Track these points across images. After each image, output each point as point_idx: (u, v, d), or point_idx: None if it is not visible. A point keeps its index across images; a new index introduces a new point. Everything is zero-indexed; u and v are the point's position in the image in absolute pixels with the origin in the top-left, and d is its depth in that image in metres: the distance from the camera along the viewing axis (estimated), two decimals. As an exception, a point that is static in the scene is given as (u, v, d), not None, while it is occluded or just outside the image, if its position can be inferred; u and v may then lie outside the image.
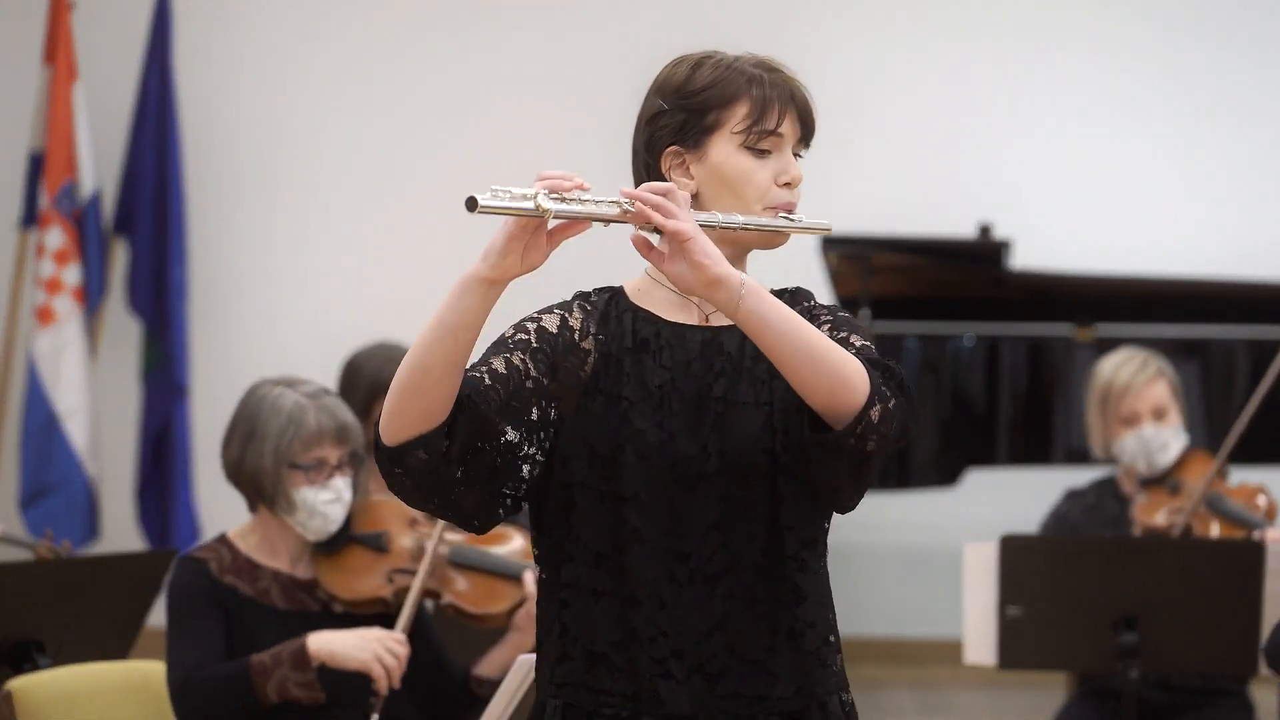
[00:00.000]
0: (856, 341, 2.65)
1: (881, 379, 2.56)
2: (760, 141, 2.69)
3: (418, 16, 8.26)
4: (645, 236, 2.55)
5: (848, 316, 2.72)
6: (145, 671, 4.10)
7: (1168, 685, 5.26)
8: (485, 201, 2.46)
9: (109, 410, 7.82)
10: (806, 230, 2.71)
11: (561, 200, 2.50)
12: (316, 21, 8.26)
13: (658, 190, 2.54)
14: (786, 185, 2.70)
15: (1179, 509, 5.18)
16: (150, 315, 7.73)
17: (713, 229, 2.61)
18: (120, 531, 7.69)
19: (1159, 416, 5.41)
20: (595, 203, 2.53)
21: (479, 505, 2.63)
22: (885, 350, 2.72)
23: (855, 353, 2.61)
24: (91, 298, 7.58)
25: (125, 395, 7.89)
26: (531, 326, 2.70)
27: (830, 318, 2.71)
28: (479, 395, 2.59)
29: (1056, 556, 4.82)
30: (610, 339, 2.71)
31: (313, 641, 3.86)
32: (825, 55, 7.91)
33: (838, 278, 7.02)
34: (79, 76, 7.63)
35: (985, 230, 7.31)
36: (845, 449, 2.53)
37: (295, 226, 8.25)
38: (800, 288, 2.78)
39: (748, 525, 2.65)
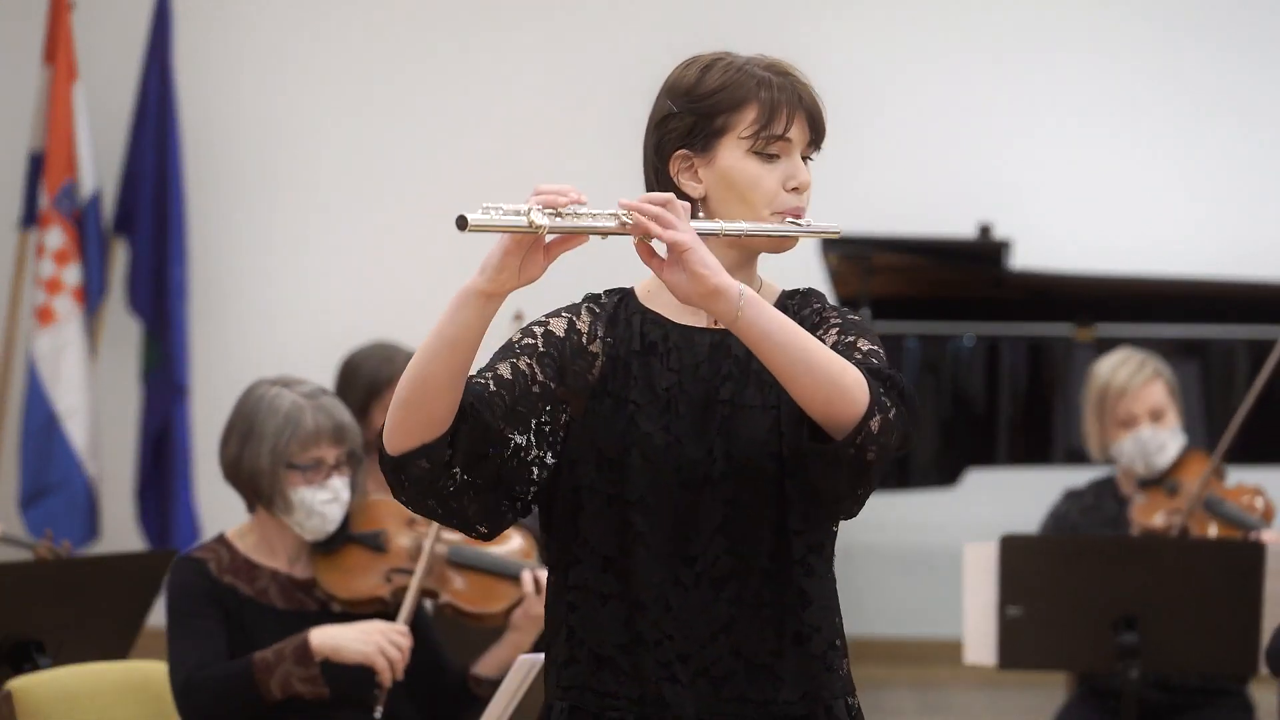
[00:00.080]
0: (864, 346, 2.63)
1: (882, 389, 2.53)
2: (768, 146, 2.67)
3: (418, 16, 8.25)
4: (648, 243, 2.53)
5: (857, 320, 2.70)
6: (145, 671, 4.10)
7: (1168, 685, 5.25)
8: (476, 220, 2.44)
9: (109, 410, 7.82)
10: (813, 234, 2.69)
11: (557, 215, 2.48)
12: (316, 21, 8.26)
13: (656, 200, 2.52)
14: (795, 190, 2.68)
15: (1176, 510, 5.18)
16: (150, 315, 7.73)
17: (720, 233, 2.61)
18: (120, 531, 7.69)
19: (1156, 418, 5.40)
20: (592, 215, 2.50)
21: (484, 512, 2.63)
22: (886, 350, 2.69)
23: (861, 358, 2.60)
24: (91, 298, 7.57)
25: (125, 395, 7.88)
26: (539, 331, 2.69)
27: (839, 321, 2.68)
28: (482, 403, 2.58)
29: (1056, 556, 4.82)
30: (618, 342, 2.69)
31: (315, 636, 3.87)
32: (825, 55, 7.90)
33: (838, 278, 7.02)
34: (79, 76, 7.63)
35: (985, 230, 7.31)
36: (844, 459, 2.52)
37: (295, 226, 8.24)
38: (811, 289, 2.76)
39: (754, 529, 2.64)
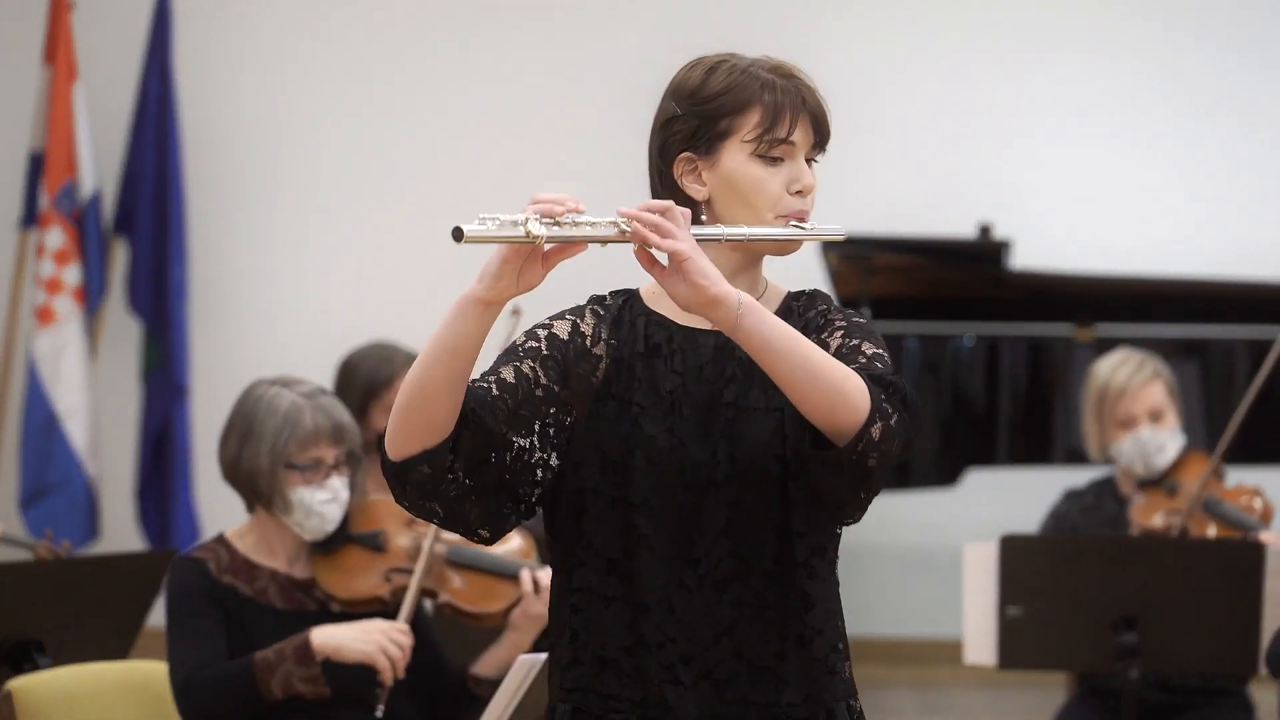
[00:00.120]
0: (868, 350, 2.62)
1: (884, 395, 2.52)
2: (772, 150, 2.66)
3: (418, 16, 8.25)
4: (648, 250, 2.52)
5: (862, 323, 2.68)
6: (145, 671, 4.10)
7: (1168, 685, 5.25)
8: (472, 231, 2.43)
9: (109, 410, 7.82)
10: (816, 238, 2.68)
11: (554, 224, 2.47)
12: (316, 21, 8.26)
13: (655, 209, 2.51)
14: (798, 193, 2.67)
15: (1175, 511, 5.17)
16: (150, 315, 7.73)
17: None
18: (120, 531, 7.69)
19: (1156, 419, 5.40)
20: (590, 224, 2.49)
21: (485, 516, 2.63)
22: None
23: (865, 362, 2.59)
24: (91, 298, 7.57)
25: (125, 395, 7.88)
26: (542, 333, 2.68)
27: (844, 324, 2.67)
28: (484, 408, 2.58)
29: (1056, 556, 4.82)
30: (622, 344, 2.69)
31: (316, 636, 3.86)
32: (825, 55, 7.89)
33: (838, 278, 7.02)
34: (79, 76, 7.63)
35: (985, 230, 7.31)
36: (846, 466, 2.51)
37: (295, 226, 8.24)
38: (817, 291, 2.76)
39: (757, 531, 2.63)
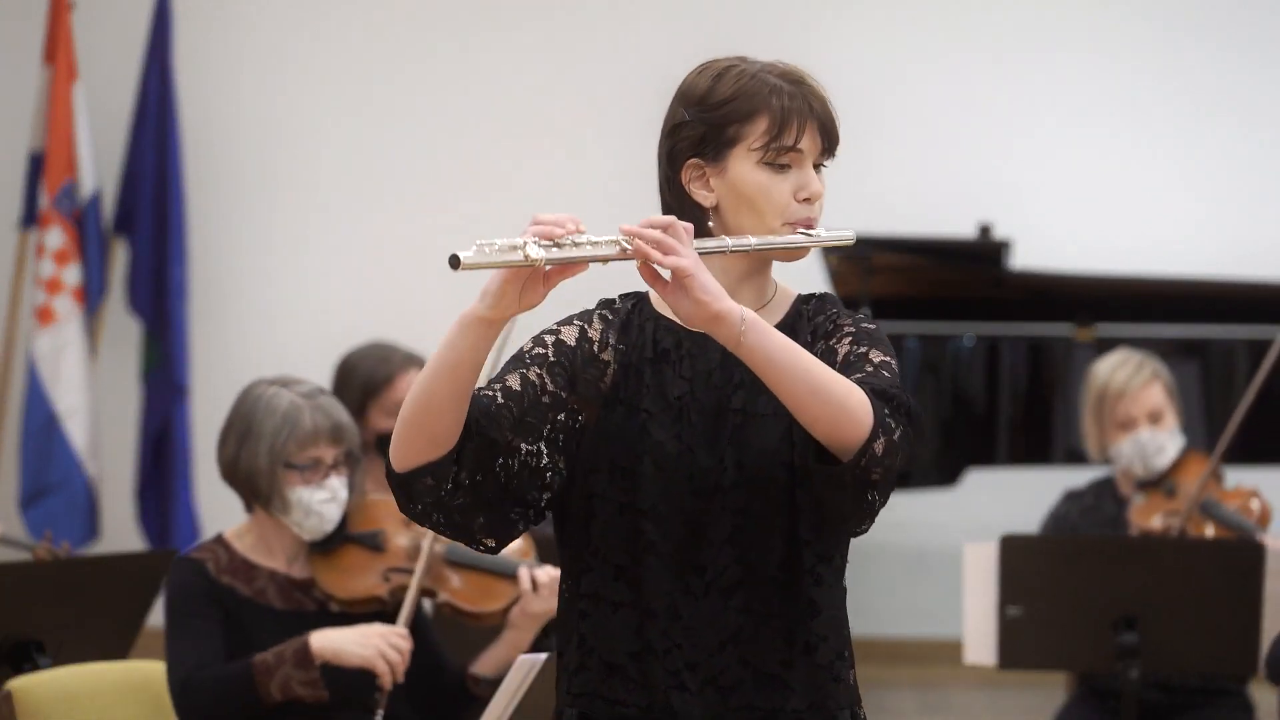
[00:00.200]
0: (876, 358, 2.61)
1: (887, 409, 2.51)
2: (779, 157, 2.65)
3: (418, 16, 8.25)
4: (651, 265, 2.50)
5: (871, 329, 2.67)
6: (145, 671, 4.10)
7: (1168, 686, 5.25)
8: (469, 258, 2.40)
9: (109, 410, 7.82)
10: (822, 244, 2.67)
11: (554, 246, 2.45)
12: (316, 21, 8.26)
13: (657, 224, 2.50)
14: (806, 201, 2.66)
15: (1174, 512, 5.17)
16: (150, 315, 7.73)
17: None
18: (120, 531, 7.69)
19: (1155, 420, 5.39)
20: (591, 244, 2.48)
21: (490, 526, 2.62)
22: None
23: (872, 370, 2.58)
24: (91, 298, 7.57)
25: (125, 395, 7.88)
26: (549, 340, 2.68)
27: (852, 330, 2.66)
28: (488, 419, 2.57)
29: (1056, 556, 4.82)
30: (631, 349, 2.69)
31: (315, 640, 3.86)
32: (825, 55, 7.85)
33: (838, 278, 7.02)
34: (79, 76, 7.63)
35: (985, 230, 7.31)
36: (849, 482, 2.51)
37: (295, 226, 8.25)
38: (826, 294, 2.75)
39: (764, 538, 2.63)
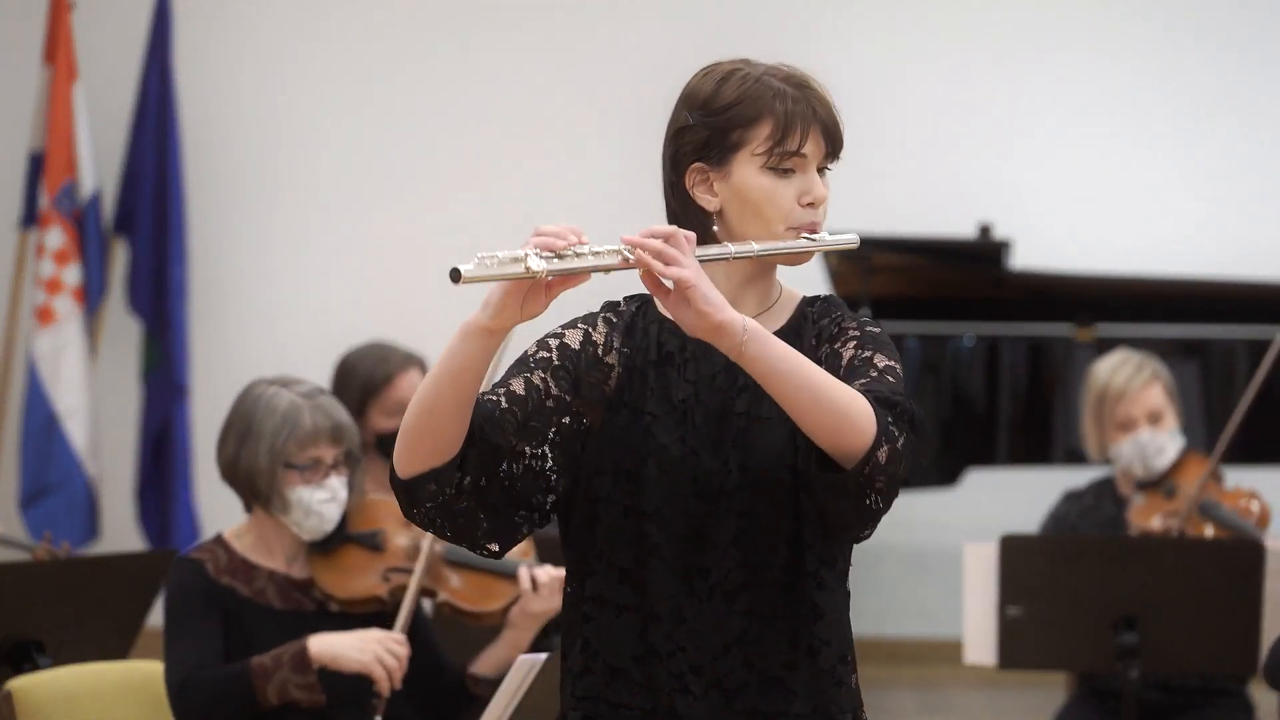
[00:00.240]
0: (880, 362, 2.61)
1: (890, 418, 2.52)
2: (783, 162, 2.65)
3: (418, 16, 8.25)
4: (654, 274, 2.50)
5: (876, 333, 2.67)
6: (145, 671, 4.10)
7: (1168, 686, 5.24)
8: (470, 272, 2.41)
9: (109, 410, 7.82)
10: (825, 249, 2.66)
11: (556, 258, 2.46)
12: (316, 21, 8.26)
13: (659, 234, 2.50)
14: (810, 205, 2.66)
15: (1173, 513, 5.17)
16: (150, 315, 7.73)
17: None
18: (120, 531, 7.69)
19: (1155, 421, 5.39)
20: (593, 254, 2.48)
21: (494, 531, 2.62)
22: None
23: (876, 376, 2.59)
24: (91, 298, 7.58)
25: (125, 395, 7.88)
26: (553, 343, 2.68)
27: (857, 333, 2.66)
28: (491, 424, 2.57)
29: (1056, 556, 4.82)
30: (635, 351, 2.69)
31: (314, 644, 3.86)
32: (825, 55, 7.87)
33: (838, 278, 7.02)
34: (79, 76, 7.63)
35: (985, 230, 7.31)
36: (852, 491, 2.51)
37: (295, 226, 8.25)
38: (831, 297, 2.74)
39: (768, 541, 2.63)
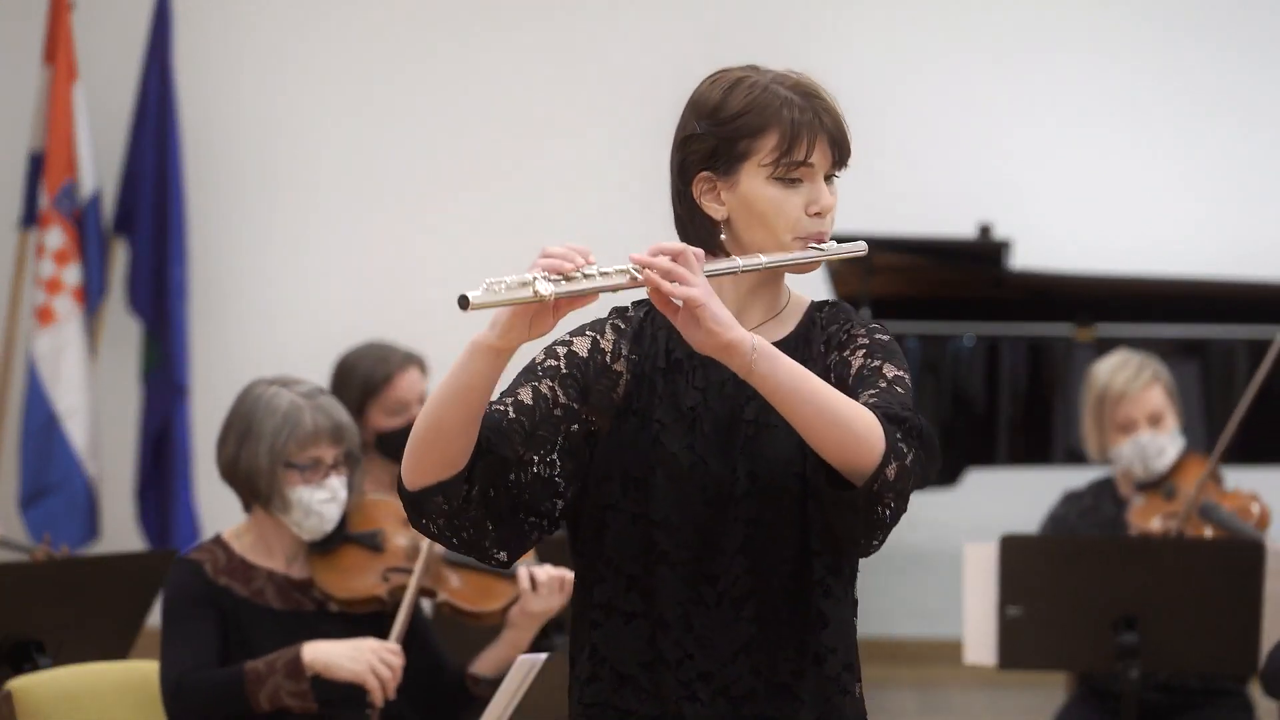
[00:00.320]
0: (890, 372, 2.61)
1: (899, 433, 2.51)
2: (790, 172, 2.65)
3: (418, 16, 8.25)
4: (661, 292, 2.50)
5: (885, 341, 2.66)
6: (145, 671, 4.09)
7: (1168, 686, 5.24)
8: (478, 298, 2.41)
9: (109, 410, 7.82)
10: (834, 258, 2.67)
11: (564, 280, 2.46)
12: (316, 21, 8.26)
13: (668, 252, 2.50)
14: (817, 215, 2.66)
15: (1173, 514, 5.17)
16: (150, 315, 7.73)
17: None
18: (120, 531, 7.69)
19: (1155, 422, 5.38)
20: (601, 274, 2.48)
21: (502, 540, 2.62)
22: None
23: (885, 386, 2.58)
24: (91, 298, 7.57)
25: (125, 395, 7.88)
26: (561, 351, 2.68)
27: (866, 342, 2.66)
28: (499, 435, 2.58)
29: (1056, 556, 4.82)
30: (644, 358, 2.69)
31: (307, 651, 3.85)
32: (825, 56, 7.89)
33: (838, 278, 7.02)
34: (79, 76, 7.63)
35: (985, 230, 7.31)
36: (861, 507, 2.51)
37: (295, 226, 8.25)
38: (840, 302, 2.75)
39: (776, 549, 2.63)
